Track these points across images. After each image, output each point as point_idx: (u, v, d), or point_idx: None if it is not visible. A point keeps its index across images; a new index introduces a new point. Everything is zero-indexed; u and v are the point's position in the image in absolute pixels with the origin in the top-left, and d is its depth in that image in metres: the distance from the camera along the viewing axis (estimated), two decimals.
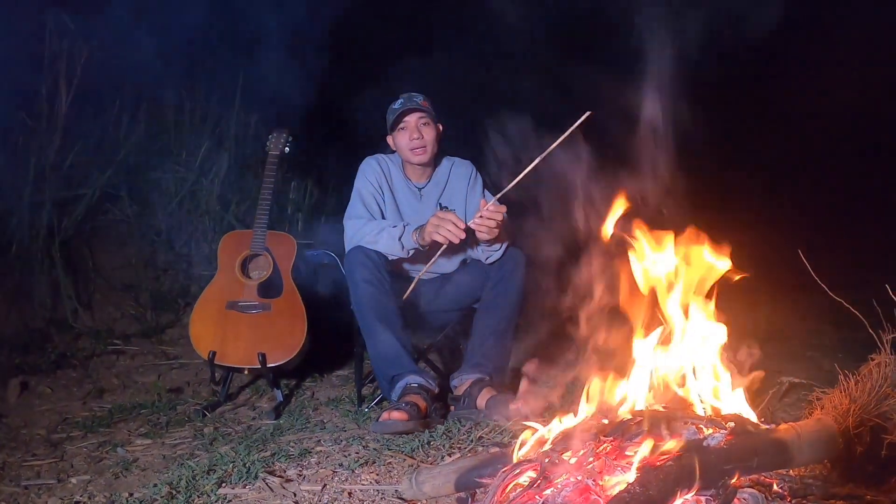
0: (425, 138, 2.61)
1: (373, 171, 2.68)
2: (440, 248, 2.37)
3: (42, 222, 3.49)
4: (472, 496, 1.56)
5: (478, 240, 2.47)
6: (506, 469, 1.42)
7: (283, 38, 3.47)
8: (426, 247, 2.44)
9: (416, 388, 2.36)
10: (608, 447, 1.40)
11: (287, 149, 3.07)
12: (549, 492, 1.33)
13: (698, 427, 1.43)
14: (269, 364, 2.71)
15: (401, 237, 2.46)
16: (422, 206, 2.71)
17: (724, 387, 1.67)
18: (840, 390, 1.61)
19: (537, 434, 1.55)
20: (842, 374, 1.63)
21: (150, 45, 3.37)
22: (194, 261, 3.90)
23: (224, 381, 2.85)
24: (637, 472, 1.29)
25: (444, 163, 2.79)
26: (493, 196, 2.43)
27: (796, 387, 2.25)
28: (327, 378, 3.14)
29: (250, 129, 4.23)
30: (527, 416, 2.14)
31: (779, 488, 1.46)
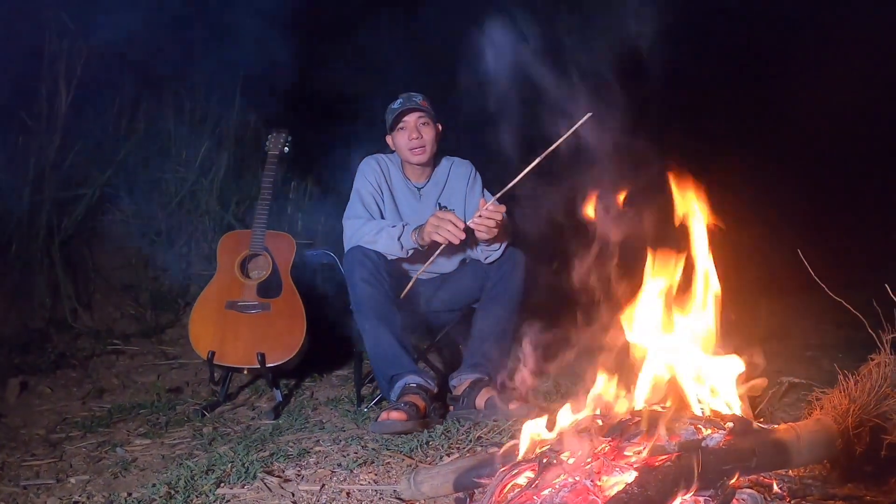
0: (424, 138, 2.61)
1: (372, 171, 2.68)
2: (439, 248, 2.37)
3: (42, 222, 3.49)
4: (471, 496, 1.55)
5: (477, 239, 2.47)
6: (504, 469, 1.42)
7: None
8: (425, 247, 2.44)
9: (415, 388, 2.36)
10: (606, 447, 1.39)
11: (286, 149, 3.07)
12: (547, 492, 1.33)
13: (697, 427, 1.43)
14: (268, 364, 2.71)
15: (400, 237, 2.46)
16: (421, 206, 2.71)
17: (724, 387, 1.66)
18: (839, 390, 1.60)
19: (536, 434, 1.54)
20: (841, 374, 1.62)
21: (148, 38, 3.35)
22: (194, 261, 3.90)
23: (223, 380, 2.85)
24: (635, 473, 1.29)
25: (444, 162, 2.78)
26: (493, 196, 2.43)
27: (796, 387, 2.25)
28: (327, 378, 3.14)
29: (250, 128, 4.23)
30: (526, 416, 2.14)
31: (778, 489, 1.46)
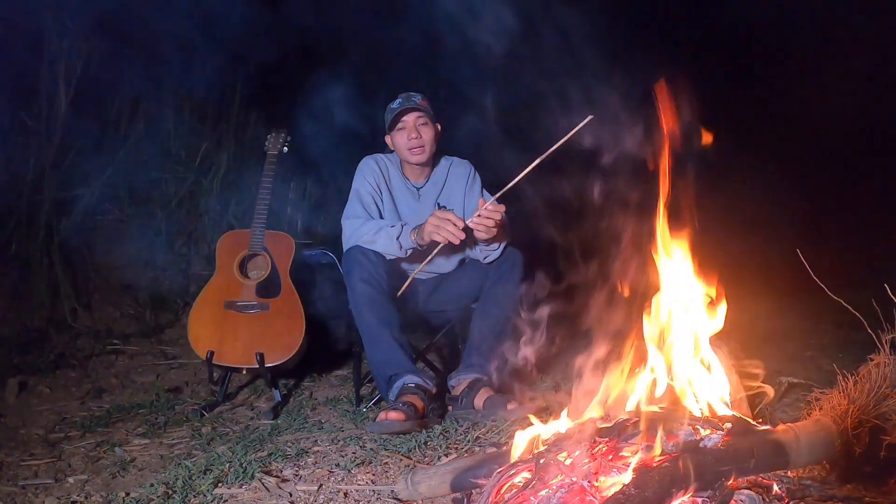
0: (423, 138, 2.61)
1: (371, 171, 2.67)
2: (437, 247, 2.37)
3: (41, 222, 3.49)
4: (468, 497, 1.55)
5: (476, 239, 2.47)
6: (501, 470, 1.41)
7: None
8: (424, 246, 2.43)
9: (414, 388, 2.35)
10: (604, 448, 1.39)
11: (286, 148, 3.07)
12: (544, 493, 1.33)
13: (695, 428, 1.42)
14: (267, 364, 2.70)
15: (399, 237, 2.46)
16: (420, 206, 2.70)
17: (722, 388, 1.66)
18: (839, 391, 1.60)
19: (533, 434, 1.54)
20: (841, 375, 1.62)
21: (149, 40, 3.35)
22: (193, 261, 3.90)
23: (222, 380, 2.85)
24: (633, 473, 1.29)
25: (443, 162, 2.78)
26: (492, 196, 2.43)
27: (795, 387, 2.25)
28: (326, 378, 3.14)
29: (249, 128, 4.22)
30: (524, 416, 2.13)
31: (777, 490, 1.45)
